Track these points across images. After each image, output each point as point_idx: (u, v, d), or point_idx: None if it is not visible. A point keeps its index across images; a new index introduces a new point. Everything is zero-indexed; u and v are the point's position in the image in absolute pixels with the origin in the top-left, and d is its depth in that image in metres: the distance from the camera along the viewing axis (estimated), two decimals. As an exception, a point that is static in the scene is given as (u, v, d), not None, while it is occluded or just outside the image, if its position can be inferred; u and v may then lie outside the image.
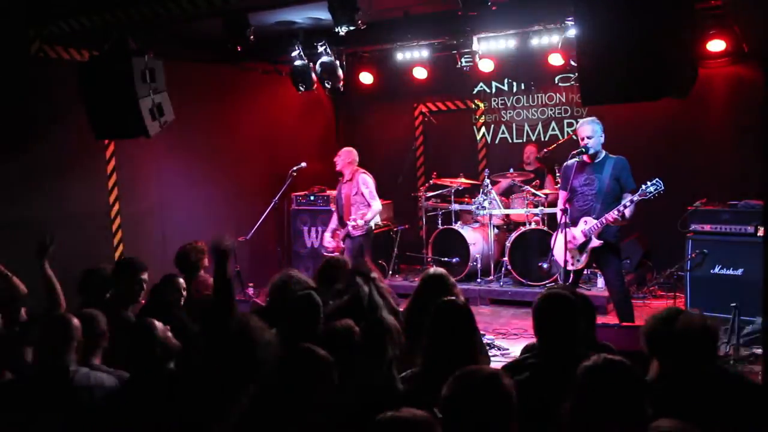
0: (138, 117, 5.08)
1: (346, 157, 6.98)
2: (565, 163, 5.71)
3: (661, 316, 2.79)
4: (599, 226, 5.36)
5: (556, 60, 7.25)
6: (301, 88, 7.41)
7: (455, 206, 7.91)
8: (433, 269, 4.22)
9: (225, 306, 3.32)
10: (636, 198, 5.22)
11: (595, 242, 5.41)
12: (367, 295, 3.58)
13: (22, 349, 3.61)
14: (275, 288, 3.75)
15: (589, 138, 5.41)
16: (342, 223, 6.87)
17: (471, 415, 2.12)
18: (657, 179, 5.19)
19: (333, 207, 7.29)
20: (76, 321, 3.14)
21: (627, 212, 5.26)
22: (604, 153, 5.49)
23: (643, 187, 5.21)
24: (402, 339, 3.02)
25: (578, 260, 5.57)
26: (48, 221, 5.99)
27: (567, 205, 5.53)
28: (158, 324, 3.06)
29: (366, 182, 6.92)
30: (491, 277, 7.66)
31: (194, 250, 4.98)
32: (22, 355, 3.60)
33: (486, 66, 7.73)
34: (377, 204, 6.85)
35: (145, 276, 4.25)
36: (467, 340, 2.97)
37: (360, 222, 6.68)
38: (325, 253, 6.95)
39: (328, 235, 7.19)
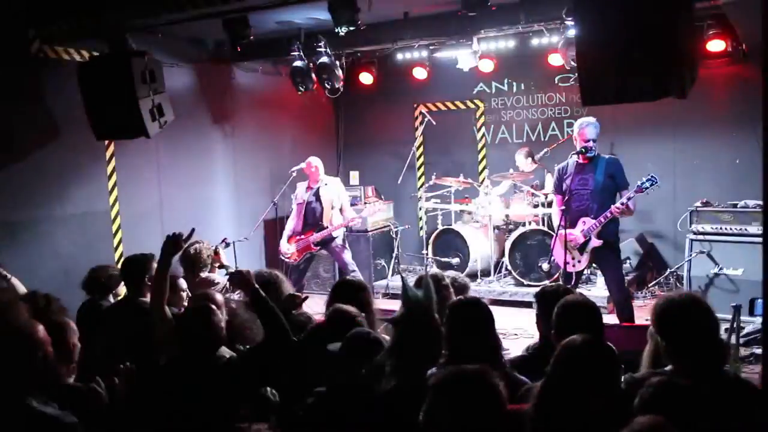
0: (138, 117, 5.09)
1: (320, 165, 6.98)
2: (558, 166, 5.72)
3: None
4: (598, 225, 5.36)
5: (556, 60, 7.24)
6: (301, 88, 7.41)
7: (455, 206, 7.91)
8: (431, 270, 4.23)
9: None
10: (632, 194, 5.25)
11: (595, 242, 5.41)
12: None
13: None
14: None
15: (594, 141, 5.43)
16: (319, 228, 6.83)
17: (458, 413, 2.12)
18: (651, 174, 5.21)
19: (297, 213, 7.02)
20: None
21: (631, 204, 5.27)
22: (596, 153, 5.51)
23: (639, 183, 5.24)
24: None
25: (578, 261, 5.57)
26: (48, 221, 6.00)
27: (564, 207, 5.52)
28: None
29: (343, 187, 7.13)
30: (491, 277, 7.66)
31: (199, 249, 4.98)
32: None
33: (486, 66, 7.72)
34: (350, 207, 7.08)
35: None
36: (485, 337, 2.97)
37: (353, 222, 6.88)
38: (285, 259, 6.92)
39: (285, 242, 6.99)
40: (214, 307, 3.14)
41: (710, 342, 2.52)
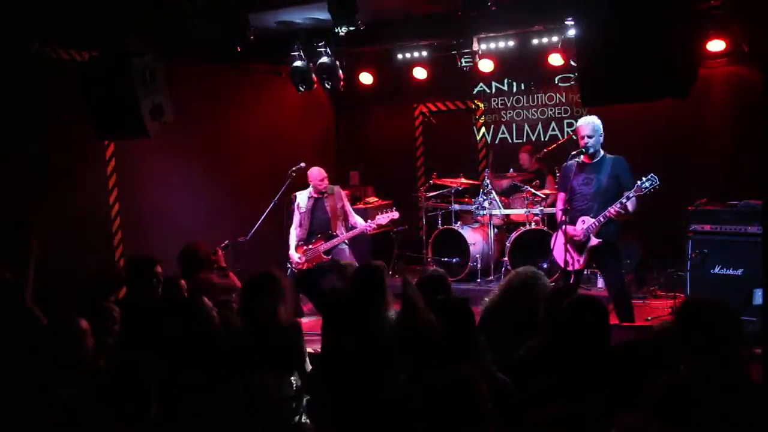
0: (138, 117, 5.08)
1: (324, 174, 6.98)
2: (564, 164, 5.71)
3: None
4: (597, 224, 5.35)
5: (556, 60, 7.25)
6: (301, 89, 7.41)
7: (455, 206, 7.91)
8: (432, 269, 4.23)
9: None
10: (632, 195, 5.21)
11: (594, 241, 5.40)
12: None
13: None
14: None
15: (589, 137, 5.40)
16: (328, 236, 6.84)
17: (445, 418, 2.14)
18: (651, 174, 5.19)
19: (301, 222, 6.94)
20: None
21: (629, 205, 5.25)
22: (602, 152, 5.48)
23: (638, 183, 5.21)
24: None
25: (577, 260, 5.56)
26: (48, 221, 6.00)
27: (566, 206, 5.52)
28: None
29: (345, 195, 7.12)
30: (491, 277, 7.65)
31: (198, 249, 4.98)
32: None
33: (486, 66, 7.73)
34: (354, 213, 7.09)
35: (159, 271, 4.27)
36: (465, 338, 2.97)
37: (371, 229, 6.85)
38: (294, 270, 6.83)
39: (293, 251, 6.92)
40: None
41: (727, 348, 2.51)
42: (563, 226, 5.42)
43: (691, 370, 2.50)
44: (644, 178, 5.20)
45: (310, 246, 6.85)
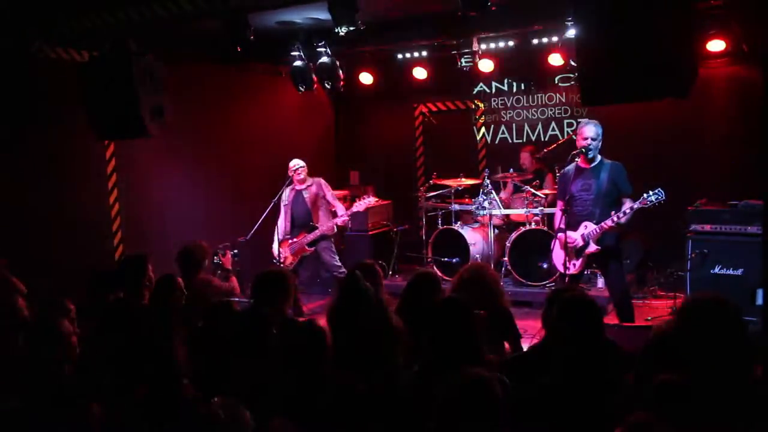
0: (138, 117, 5.08)
1: (303, 167, 6.97)
2: (562, 171, 5.69)
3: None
4: (599, 230, 5.33)
5: (556, 60, 7.26)
6: (301, 89, 7.42)
7: (455, 206, 7.90)
8: (421, 270, 4.26)
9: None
10: (636, 206, 5.19)
11: (592, 248, 5.38)
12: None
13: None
14: None
15: (592, 140, 5.38)
16: (310, 228, 6.83)
17: (462, 418, 2.15)
18: (659, 189, 5.15)
19: (285, 215, 6.99)
20: None
21: (623, 219, 5.25)
22: (600, 157, 5.47)
23: (645, 195, 5.18)
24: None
25: (573, 264, 5.52)
26: (48, 221, 6.01)
27: (564, 213, 5.48)
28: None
29: (328, 186, 7.13)
30: (491, 277, 7.64)
31: (198, 249, 4.97)
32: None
33: (486, 66, 7.73)
34: (339, 204, 7.09)
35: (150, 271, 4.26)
36: (469, 339, 2.97)
37: (345, 218, 6.90)
38: (280, 264, 6.76)
39: (276, 245, 6.88)
40: None
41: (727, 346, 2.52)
42: (560, 232, 5.41)
43: (695, 369, 2.51)
44: (651, 192, 5.15)
45: (295, 239, 6.88)
